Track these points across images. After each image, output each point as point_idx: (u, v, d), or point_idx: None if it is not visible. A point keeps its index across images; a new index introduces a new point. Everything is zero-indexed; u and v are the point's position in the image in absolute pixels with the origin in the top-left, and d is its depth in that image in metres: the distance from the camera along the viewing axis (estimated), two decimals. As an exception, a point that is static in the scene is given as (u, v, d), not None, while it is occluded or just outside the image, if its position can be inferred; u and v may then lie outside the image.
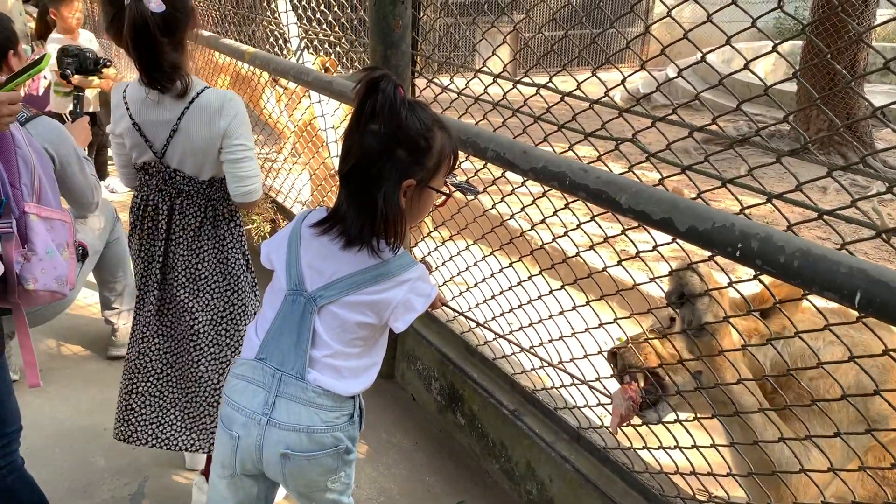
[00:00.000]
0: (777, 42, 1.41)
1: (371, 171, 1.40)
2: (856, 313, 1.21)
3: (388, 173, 1.40)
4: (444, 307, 2.34)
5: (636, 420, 1.87)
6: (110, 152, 2.42)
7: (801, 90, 7.44)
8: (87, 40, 4.87)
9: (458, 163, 1.55)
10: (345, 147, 1.44)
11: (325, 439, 1.50)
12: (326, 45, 3.51)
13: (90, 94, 5.08)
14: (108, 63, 3.43)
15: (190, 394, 2.24)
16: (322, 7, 3.44)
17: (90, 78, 3.42)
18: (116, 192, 5.37)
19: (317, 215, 1.53)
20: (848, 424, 1.50)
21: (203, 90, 2.03)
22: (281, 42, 3.97)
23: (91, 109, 5.10)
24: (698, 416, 1.70)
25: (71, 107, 5.08)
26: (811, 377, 1.54)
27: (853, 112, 7.04)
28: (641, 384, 1.66)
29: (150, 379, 2.23)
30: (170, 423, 2.26)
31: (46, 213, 1.88)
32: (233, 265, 2.17)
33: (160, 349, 2.21)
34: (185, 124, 2.01)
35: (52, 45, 4.69)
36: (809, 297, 1.42)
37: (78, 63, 3.22)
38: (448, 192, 1.53)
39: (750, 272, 1.39)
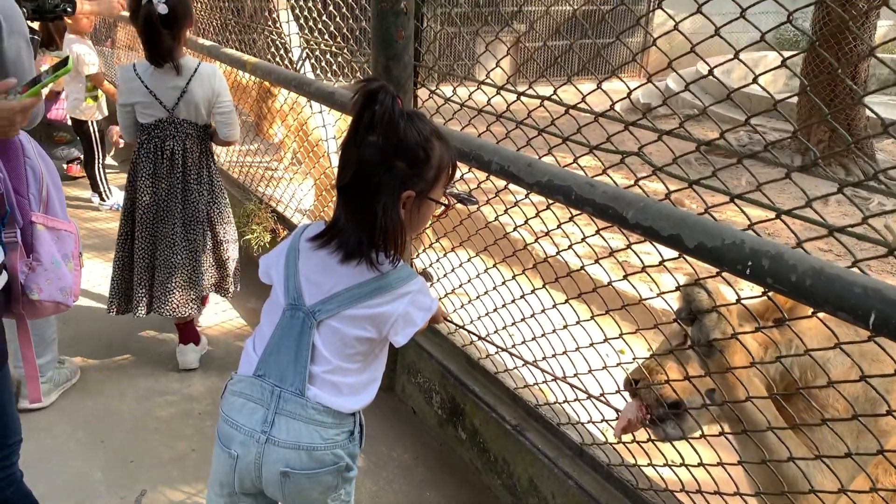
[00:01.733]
0: (786, 57, 1.39)
1: (370, 184, 1.38)
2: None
3: (387, 185, 1.38)
4: (445, 321, 2.32)
5: (642, 436, 1.85)
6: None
7: (803, 102, 7.44)
8: (88, 47, 4.86)
9: (456, 173, 1.53)
10: (342, 159, 1.42)
11: (326, 457, 1.48)
12: (328, 56, 3.49)
13: (102, 101, 5.07)
14: (70, 9, 3.33)
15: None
16: (324, 17, 3.43)
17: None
18: (101, 208, 5.33)
19: (315, 229, 1.51)
20: (857, 434, 1.48)
21: (199, 64, 2.93)
22: (282, 52, 3.95)
23: (99, 117, 5.08)
24: (704, 433, 1.68)
25: (99, 115, 5.07)
26: (818, 385, 1.52)
27: (854, 123, 7.04)
28: (660, 410, 1.64)
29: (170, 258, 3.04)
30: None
31: (53, 223, 1.88)
32: (215, 173, 3.17)
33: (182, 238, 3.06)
34: (191, 87, 2.90)
35: (77, 48, 4.68)
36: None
37: (36, 5, 3.18)
38: (447, 203, 1.52)
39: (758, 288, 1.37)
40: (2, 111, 1.61)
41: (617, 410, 1.85)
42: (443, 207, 1.50)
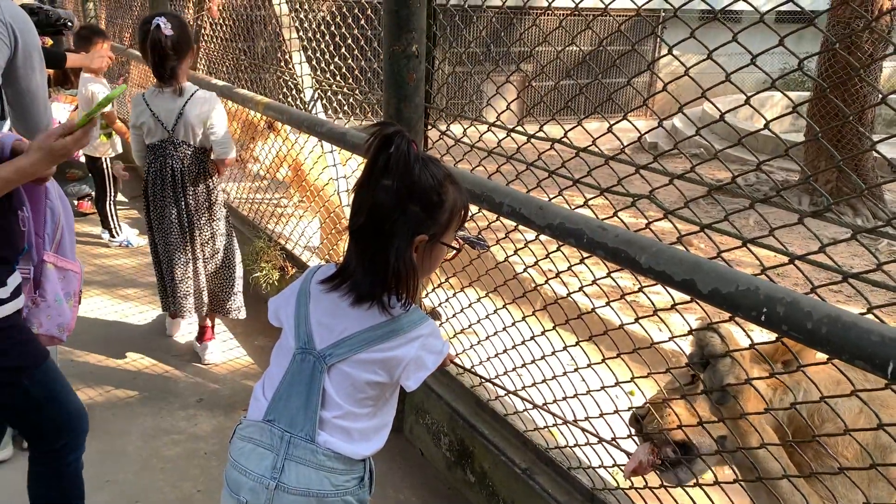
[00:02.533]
0: (797, 104, 1.40)
1: (383, 227, 1.37)
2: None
3: (401, 229, 1.37)
4: (453, 363, 2.31)
5: (654, 481, 1.82)
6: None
7: (810, 144, 7.47)
8: (103, 85, 4.92)
9: (468, 217, 1.53)
10: (356, 202, 1.42)
11: None
12: (340, 96, 3.54)
13: (116, 138, 5.13)
14: (70, 24, 3.41)
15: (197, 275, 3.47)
16: (336, 59, 3.48)
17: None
18: (110, 244, 5.35)
19: (326, 271, 1.50)
20: (868, 483, 1.46)
21: (197, 90, 3.23)
22: (294, 92, 4.00)
23: (112, 154, 5.14)
24: (719, 480, 1.65)
25: (112, 152, 5.14)
26: (827, 430, 1.50)
27: (862, 164, 7.06)
28: (667, 450, 1.61)
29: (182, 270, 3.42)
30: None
31: (62, 263, 2.00)
32: (213, 191, 3.42)
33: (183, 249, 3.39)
34: (186, 109, 3.19)
35: (92, 86, 4.73)
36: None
37: (38, 19, 3.28)
38: (459, 246, 1.52)
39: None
40: (63, 148, 1.70)
41: (628, 454, 1.83)
42: (454, 251, 1.50)
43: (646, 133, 1.81)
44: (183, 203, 3.32)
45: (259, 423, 1.48)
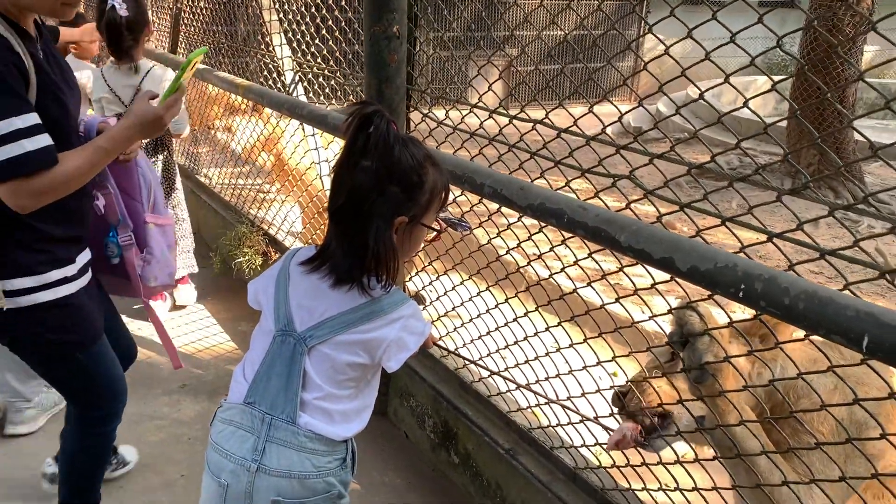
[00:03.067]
0: (776, 81, 1.40)
1: (362, 208, 1.37)
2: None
3: (380, 210, 1.37)
4: (436, 345, 2.31)
5: (636, 459, 1.84)
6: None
7: (792, 126, 7.51)
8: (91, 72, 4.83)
9: (449, 199, 1.53)
10: (335, 183, 1.41)
11: (318, 485, 1.45)
12: (321, 79, 3.51)
13: None
14: None
15: None
16: (317, 41, 3.45)
17: None
18: None
19: (306, 253, 1.49)
20: (845, 459, 1.48)
21: (153, 66, 3.41)
22: (275, 75, 3.97)
23: None
24: (699, 457, 1.67)
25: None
26: (802, 406, 1.52)
27: (843, 146, 7.11)
28: (647, 422, 1.63)
29: None
30: None
31: (160, 220, 2.29)
32: (171, 164, 3.72)
33: None
34: (143, 85, 3.34)
35: (77, 73, 4.62)
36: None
37: None
38: (440, 228, 1.51)
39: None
40: (155, 116, 1.80)
41: (610, 432, 1.84)
42: (435, 233, 1.50)
43: (626, 113, 1.81)
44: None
45: (240, 405, 1.48)
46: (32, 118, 1.62)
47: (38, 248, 1.78)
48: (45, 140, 1.63)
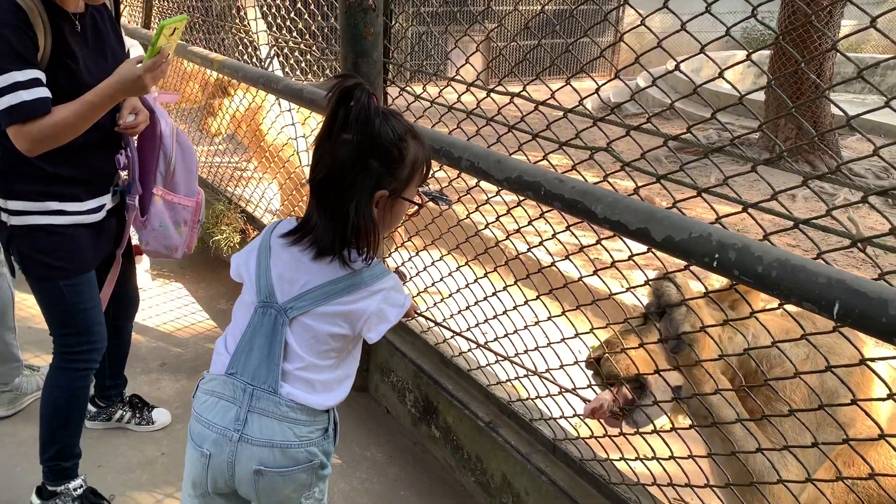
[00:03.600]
0: (751, 51, 1.40)
1: (343, 182, 1.37)
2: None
3: (361, 184, 1.37)
4: (417, 317, 2.31)
5: (614, 431, 1.86)
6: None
7: (770, 99, 7.55)
8: None
9: (431, 173, 1.53)
10: (315, 156, 1.41)
11: (300, 455, 1.47)
12: (297, 53, 3.47)
13: None
14: None
15: None
16: (293, 15, 3.40)
17: None
18: None
19: (287, 225, 1.50)
20: (816, 426, 1.51)
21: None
22: (251, 50, 3.91)
23: None
24: (676, 426, 1.69)
25: None
26: (775, 375, 1.54)
27: (820, 120, 7.16)
28: (624, 391, 1.65)
29: None
30: None
31: (171, 197, 2.45)
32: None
33: None
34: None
35: None
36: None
37: None
38: (421, 202, 1.51)
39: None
40: (136, 76, 1.93)
41: (587, 402, 1.86)
42: (416, 207, 1.49)
43: (604, 84, 1.80)
44: None
45: (222, 376, 1.48)
46: (32, 73, 1.87)
47: (38, 181, 2.06)
48: (40, 92, 1.87)
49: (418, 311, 2.14)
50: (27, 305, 3.36)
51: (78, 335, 2.25)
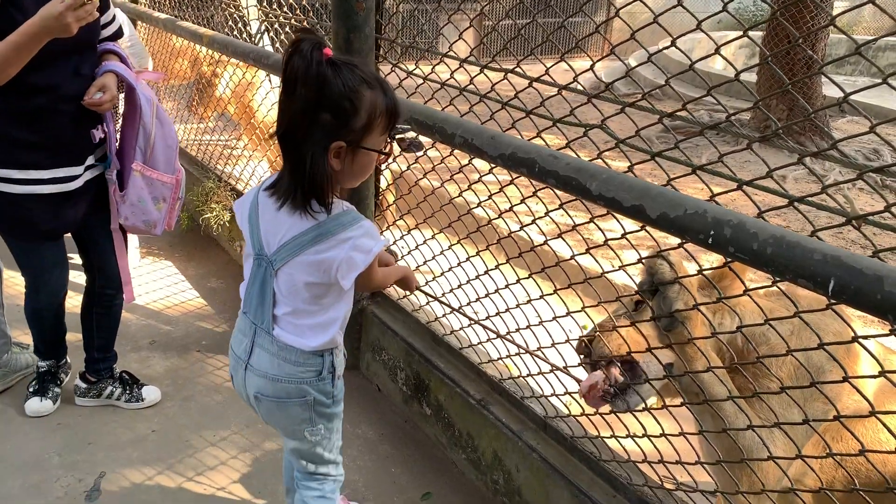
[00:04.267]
0: (748, 28, 1.39)
1: (297, 135, 1.42)
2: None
3: (312, 136, 1.41)
4: (411, 294, 2.31)
5: (605, 409, 1.86)
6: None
7: (762, 80, 7.54)
8: None
9: (397, 120, 1.52)
10: (278, 112, 1.47)
11: (290, 389, 1.65)
12: (288, 29, 3.42)
13: None
14: None
15: None
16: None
17: None
18: None
19: (271, 180, 1.58)
20: (803, 402, 1.51)
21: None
22: (241, 25, 3.86)
23: None
24: (667, 404, 1.70)
25: None
26: (761, 353, 1.55)
27: (812, 102, 7.16)
28: (615, 372, 1.65)
29: None
30: None
31: (150, 172, 2.46)
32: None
33: None
34: None
35: None
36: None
37: None
38: (388, 150, 1.54)
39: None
40: (58, 13, 1.93)
41: (579, 382, 1.86)
42: (384, 155, 1.52)
43: (598, 60, 1.79)
44: None
45: (241, 313, 1.70)
46: None
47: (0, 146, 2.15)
48: None
49: (418, 286, 2.16)
50: (15, 283, 3.33)
51: (29, 284, 2.54)
